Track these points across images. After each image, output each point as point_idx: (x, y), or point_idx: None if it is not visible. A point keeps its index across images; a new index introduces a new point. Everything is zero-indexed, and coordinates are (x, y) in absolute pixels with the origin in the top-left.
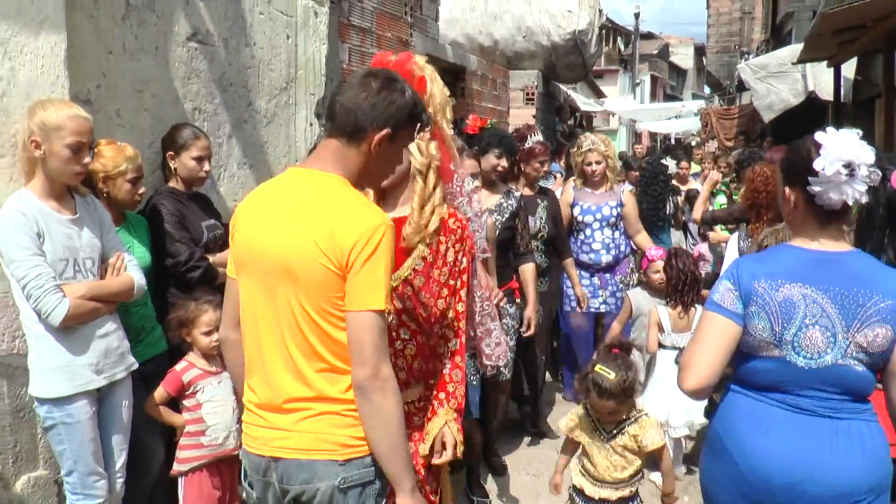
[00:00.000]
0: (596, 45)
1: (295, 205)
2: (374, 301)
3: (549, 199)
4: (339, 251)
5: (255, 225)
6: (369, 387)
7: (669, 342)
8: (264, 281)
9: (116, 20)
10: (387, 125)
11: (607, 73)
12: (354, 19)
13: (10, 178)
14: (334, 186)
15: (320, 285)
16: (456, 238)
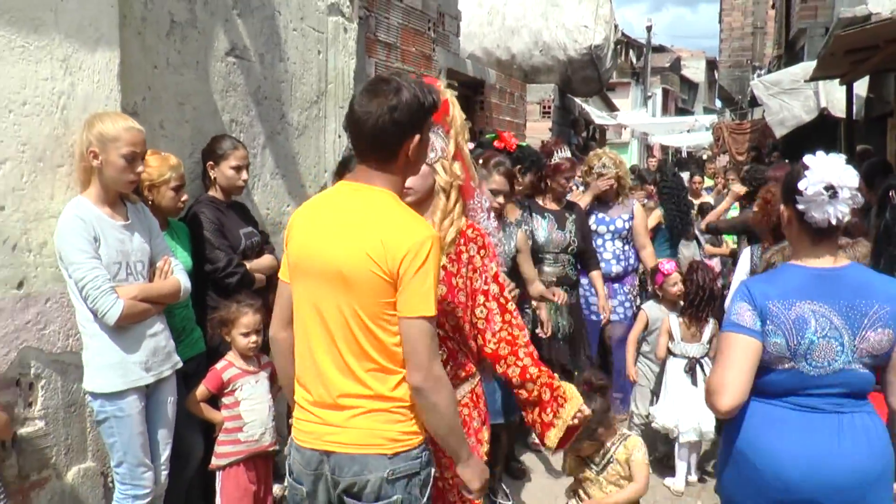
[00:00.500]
0: (611, 60)
1: (348, 216)
2: (425, 308)
3: (577, 213)
4: (392, 260)
5: (310, 233)
6: (425, 388)
7: (679, 350)
8: (318, 286)
9: (161, 37)
10: (414, 133)
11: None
12: (381, 35)
13: (67, 186)
14: (385, 201)
15: (371, 291)
16: (479, 245)
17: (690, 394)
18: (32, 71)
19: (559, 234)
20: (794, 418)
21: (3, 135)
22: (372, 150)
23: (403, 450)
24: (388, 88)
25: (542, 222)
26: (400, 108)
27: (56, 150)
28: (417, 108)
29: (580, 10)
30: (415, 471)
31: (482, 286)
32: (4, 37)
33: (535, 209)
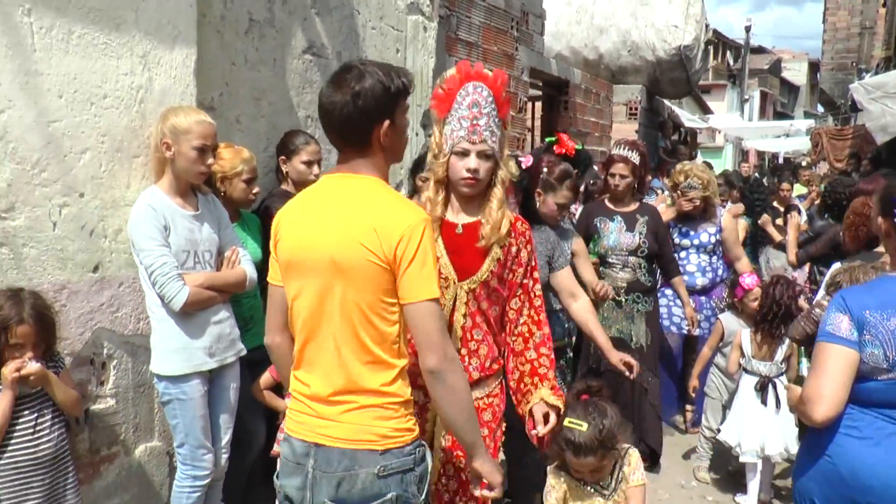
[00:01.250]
0: (701, 61)
1: (337, 207)
2: (429, 290)
3: (650, 215)
4: (387, 246)
5: (301, 229)
6: (442, 369)
7: (750, 367)
8: (313, 280)
9: (240, 34)
10: (382, 118)
11: (715, 88)
12: (462, 33)
13: (142, 175)
14: (371, 187)
15: (368, 280)
16: (526, 240)
17: (758, 413)
18: (113, 66)
19: (627, 237)
20: (890, 432)
21: (85, 126)
22: (344, 139)
23: (395, 446)
24: (350, 76)
25: (609, 225)
26: (363, 94)
27: (133, 141)
28: (382, 92)
29: (670, 10)
30: (408, 467)
31: (522, 279)
32: (88, 34)
33: (603, 212)
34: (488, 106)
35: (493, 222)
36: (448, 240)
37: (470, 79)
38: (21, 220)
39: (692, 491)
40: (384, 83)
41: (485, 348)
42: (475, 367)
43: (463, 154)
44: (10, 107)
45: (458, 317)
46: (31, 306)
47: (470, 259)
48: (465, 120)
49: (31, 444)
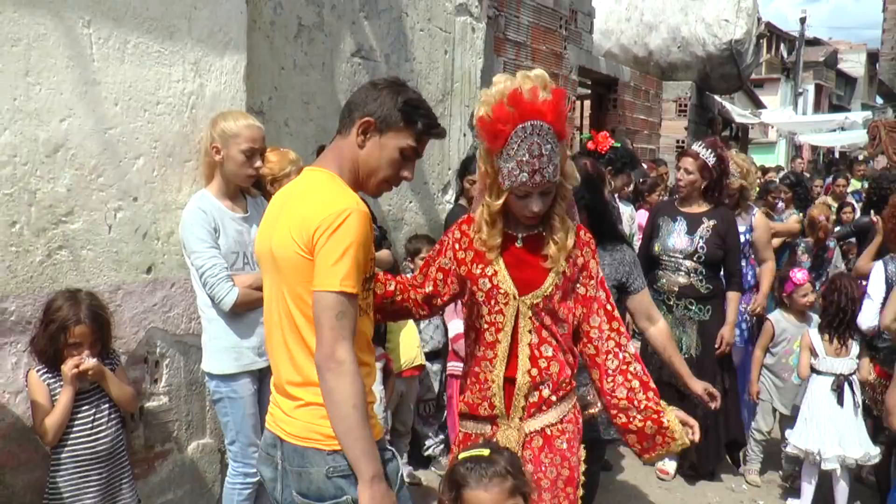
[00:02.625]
0: (752, 55)
1: (286, 201)
2: (330, 283)
3: (720, 220)
4: (307, 235)
5: (263, 224)
6: (323, 367)
7: (825, 367)
8: (266, 272)
9: (289, 39)
10: (372, 114)
11: (768, 82)
12: (510, 34)
13: (193, 179)
14: (319, 179)
15: (295, 273)
16: (592, 250)
17: (835, 416)
18: (166, 74)
19: (685, 240)
20: None
21: (139, 132)
22: (341, 116)
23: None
24: (395, 83)
25: (671, 225)
26: (381, 93)
27: (184, 146)
28: (391, 104)
29: (721, 4)
30: None
31: (594, 293)
32: (143, 43)
33: (669, 211)
34: (549, 143)
35: (559, 242)
36: (508, 254)
37: (526, 117)
38: (79, 223)
39: (742, 495)
40: (402, 99)
41: (556, 366)
42: (547, 385)
43: (523, 196)
44: (71, 115)
45: (524, 333)
46: (88, 307)
47: (532, 273)
48: (525, 165)
49: (89, 439)
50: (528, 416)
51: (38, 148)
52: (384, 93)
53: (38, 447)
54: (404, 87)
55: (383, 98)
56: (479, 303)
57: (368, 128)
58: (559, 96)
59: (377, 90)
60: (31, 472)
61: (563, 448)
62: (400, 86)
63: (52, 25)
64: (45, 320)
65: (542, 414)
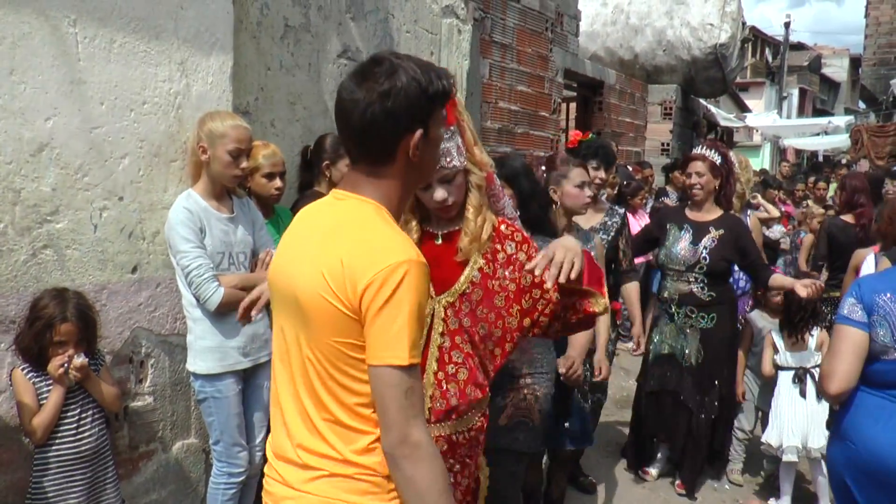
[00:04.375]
0: (737, 59)
1: (318, 233)
2: (393, 355)
3: (728, 229)
4: (351, 290)
5: (283, 254)
6: (396, 454)
7: (784, 362)
8: (282, 314)
9: (276, 40)
10: (414, 127)
11: (753, 86)
12: (496, 36)
13: (179, 179)
14: (363, 213)
15: (326, 325)
16: (517, 241)
17: (797, 408)
18: (152, 73)
19: (689, 250)
20: (889, 409)
21: (125, 132)
22: (361, 148)
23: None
24: (380, 70)
25: (677, 234)
26: (394, 94)
27: (170, 146)
28: (418, 95)
29: (706, 8)
30: None
31: (529, 282)
32: (129, 43)
33: (677, 218)
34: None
35: (472, 233)
36: (427, 252)
37: None
38: (64, 223)
39: (724, 494)
40: (421, 82)
41: (464, 372)
42: (453, 393)
43: (426, 186)
44: (56, 114)
45: (436, 336)
46: (75, 305)
47: (448, 271)
48: None
49: (74, 439)
50: (435, 420)
51: (22, 147)
52: (399, 89)
53: (21, 447)
54: (387, 63)
55: (407, 95)
56: None
57: (419, 141)
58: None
59: (390, 91)
60: (13, 472)
61: (465, 456)
62: (389, 67)
63: (37, 24)
64: (30, 318)
65: (448, 421)
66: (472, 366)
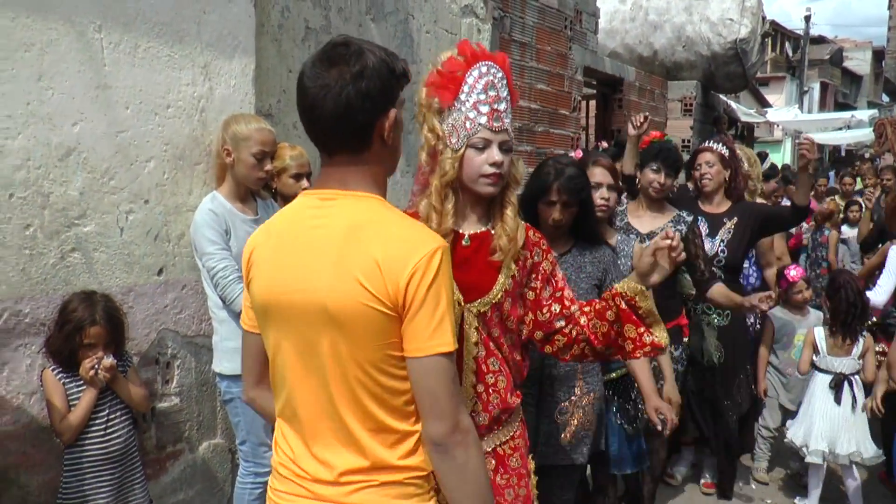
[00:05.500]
0: (758, 54)
1: (328, 237)
2: (441, 343)
3: (741, 216)
4: (393, 287)
5: (280, 267)
6: (450, 443)
7: (824, 365)
8: (299, 332)
9: (297, 42)
10: (387, 107)
11: (773, 81)
12: (516, 34)
13: (204, 182)
14: (375, 209)
15: (369, 331)
16: (544, 250)
17: (829, 413)
18: (176, 77)
19: (707, 243)
20: None
21: (149, 135)
22: (338, 136)
23: None
24: (347, 52)
25: (700, 229)
26: (367, 74)
27: (195, 149)
28: (388, 74)
29: (726, 3)
30: None
31: (552, 294)
32: (154, 47)
33: (689, 211)
34: (504, 89)
35: (510, 232)
36: (454, 254)
37: (478, 58)
38: (92, 226)
39: (751, 493)
40: (388, 62)
41: (503, 380)
42: (495, 404)
43: (482, 147)
44: (83, 119)
45: (470, 346)
46: (103, 308)
47: (479, 276)
48: (482, 105)
49: (103, 439)
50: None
51: (50, 152)
52: (370, 70)
53: (52, 448)
54: (352, 45)
55: (379, 75)
56: None
57: (394, 122)
58: (506, 59)
59: (363, 72)
60: (45, 472)
61: (518, 466)
62: (354, 49)
63: (63, 30)
64: (60, 321)
65: (491, 434)
66: (507, 372)
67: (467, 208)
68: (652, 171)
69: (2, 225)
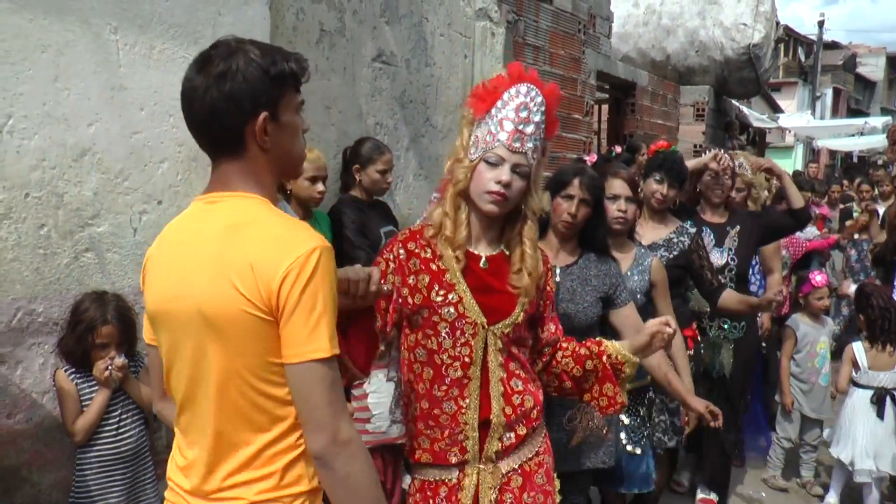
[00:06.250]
0: (771, 60)
1: (206, 240)
2: (316, 348)
3: (741, 223)
4: (265, 290)
5: (164, 272)
6: (330, 454)
7: (865, 381)
8: (182, 338)
9: (311, 44)
10: (257, 109)
11: (785, 86)
12: (529, 38)
13: None
14: (253, 209)
15: (246, 336)
16: (547, 268)
17: (873, 429)
18: None
19: (715, 254)
20: None
21: (163, 137)
22: (209, 139)
23: None
24: (216, 54)
25: (703, 240)
26: (230, 76)
27: None
28: (258, 76)
29: (739, 8)
30: None
31: (551, 313)
32: (169, 49)
33: (693, 222)
34: (539, 115)
35: (531, 269)
36: (471, 276)
37: (522, 80)
38: (105, 226)
39: (762, 501)
40: (260, 63)
41: (530, 400)
42: (525, 425)
43: (494, 163)
44: (98, 120)
45: (495, 368)
46: (115, 308)
47: (500, 298)
48: (508, 122)
49: (115, 440)
50: (505, 455)
51: (65, 152)
52: (238, 71)
53: (64, 446)
54: (225, 46)
55: (245, 78)
56: (441, 334)
57: (266, 124)
58: (557, 89)
59: (226, 74)
60: (57, 470)
61: (543, 483)
62: (226, 51)
63: (80, 32)
64: (72, 321)
65: (517, 451)
66: (532, 392)
67: (480, 229)
68: (655, 182)
69: (17, 224)
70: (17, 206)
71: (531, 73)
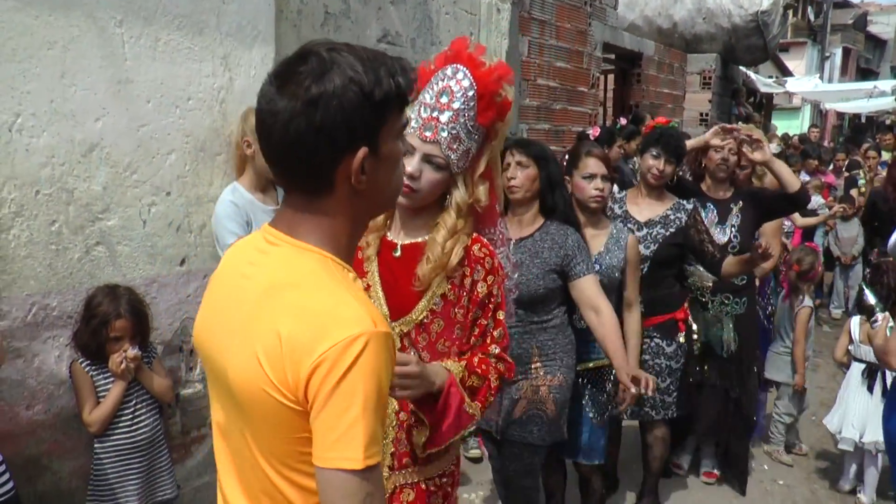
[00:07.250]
0: (779, 26)
1: (244, 297)
2: (343, 456)
3: (745, 199)
4: (293, 376)
5: (209, 315)
6: None
7: (858, 354)
8: (216, 401)
9: (316, 27)
10: (355, 144)
11: (793, 46)
12: (535, 12)
13: (224, 172)
14: (303, 268)
15: (274, 423)
16: (487, 269)
17: (862, 402)
18: (196, 69)
19: (717, 230)
20: None
21: (171, 128)
22: (287, 174)
23: None
24: (305, 70)
25: (701, 215)
26: (323, 103)
27: (215, 140)
28: (359, 102)
29: None
30: None
31: (478, 319)
32: (174, 40)
33: (697, 200)
34: (461, 101)
35: (436, 259)
36: (384, 265)
37: (455, 61)
38: (115, 219)
39: (763, 474)
40: (363, 84)
41: None
42: (424, 435)
43: (408, 152)
44: (105, 114)
45: None
46: (127, 301)
47: (403, 293)
48: (425, 108)
49: (130, 429)
50: (399, 466)
51: (74, 148)
52: (333, 96)
53: (82, 435)
54: (314, 58)
55: (342, 105)
56: None
57: (363, 162)
58: (503, 70)
59: (319, 99)
60: (76, 458)
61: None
62: (318, 65)
63: (85, 27)
64: (86, 316)
65: (416, 466)
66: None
67: (404, 216)
68: (652, 157)
69: (29, 221)
70: (29, 203)
71: (476, 51)
